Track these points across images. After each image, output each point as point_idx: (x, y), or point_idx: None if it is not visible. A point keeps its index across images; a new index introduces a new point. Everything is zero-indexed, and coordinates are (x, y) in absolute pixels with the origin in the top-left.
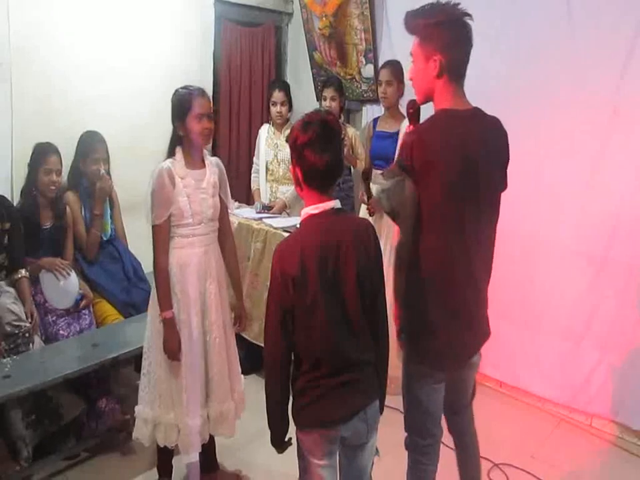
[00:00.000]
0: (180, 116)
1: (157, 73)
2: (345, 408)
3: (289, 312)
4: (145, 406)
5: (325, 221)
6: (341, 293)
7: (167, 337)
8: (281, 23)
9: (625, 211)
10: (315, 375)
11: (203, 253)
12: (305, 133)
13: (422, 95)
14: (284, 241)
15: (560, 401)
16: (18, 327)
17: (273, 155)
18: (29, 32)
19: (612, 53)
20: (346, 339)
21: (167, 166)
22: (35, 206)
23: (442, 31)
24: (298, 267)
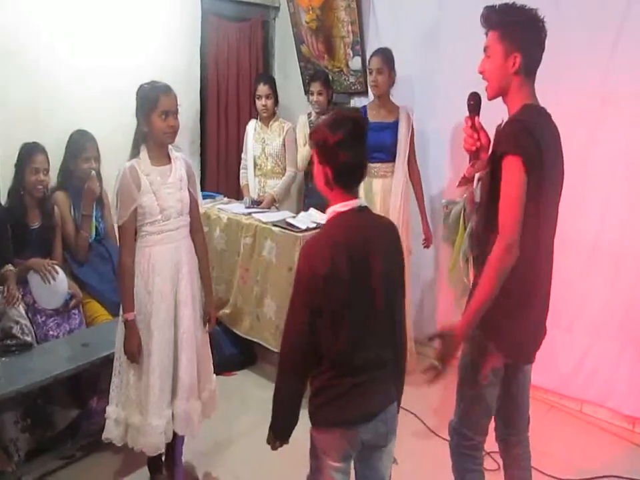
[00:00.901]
0: (144, 112)
1: (144, 70)
2: (366, 408)
3: (316, 311)
4: (116, 406)
5: (353, 219)
6: (369, 291)
7: (128, 338)
8: (268, 17)
9: (614, 198)
10: (336, 373)
11: (174, 249)
12: (336, 132)
13: (495, 90)
14: (312, 239)
15: (550, 388)
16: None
17: (260, 150)
18: (15, 31)
19: (599, 44)
20: (371, 337)
21: (131, 165)
22: (22, 206)
23: (525, 31)
24: (329, 265)
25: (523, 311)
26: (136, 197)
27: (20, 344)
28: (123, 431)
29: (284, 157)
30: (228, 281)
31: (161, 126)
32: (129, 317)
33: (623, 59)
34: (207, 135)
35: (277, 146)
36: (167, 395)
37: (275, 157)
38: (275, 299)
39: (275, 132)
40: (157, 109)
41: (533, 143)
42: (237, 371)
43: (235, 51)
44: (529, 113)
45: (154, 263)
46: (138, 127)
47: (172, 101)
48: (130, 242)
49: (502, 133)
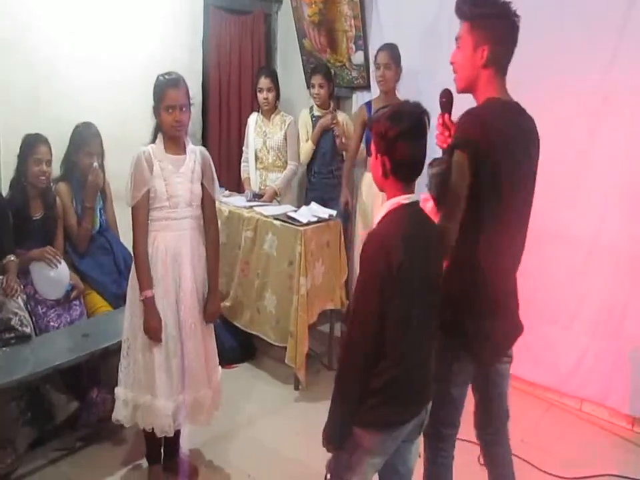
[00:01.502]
0: (155, 105)
1: (146, 62)
2: (416, 406)
3: (387, 301)
4: (125, 388)
5: (415, 212)
6: (431, 285)
7: (147, 317)
8: (271, 11)
9: (613, 197)
10: (395, 372)
11: (176, 238)
12: (397, 124)
13: (464, 82)
14: (381, 230)
15: (550, 386)
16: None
17: (262, 143)
18: (15, 22)
19: (601, 40)
20: (428, 334)
21: (146, 149)
22: (24, 197)
23: (496, 24)
24: (403, 255)
25: (483, 312)
26: (148, 180)
27: (19, 336)
28: (132, 412)
29: (285, 150)
30: (228, 273)
31: (167, 120)
32: (147, 295)
33: (624, 55)
34: (209, 128)
35: (278, 139)
36: (176, 380)
37: (276, 150)
38: (276, 292)
39: (277, 125)
40: (163, 103)
41: (482, 137)
42: (236, 364)
43: (237, 44)
44: (489, 106)
45: (157, 247)
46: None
47: (178, 96)
48: (143, 224)
49: (458, 123)
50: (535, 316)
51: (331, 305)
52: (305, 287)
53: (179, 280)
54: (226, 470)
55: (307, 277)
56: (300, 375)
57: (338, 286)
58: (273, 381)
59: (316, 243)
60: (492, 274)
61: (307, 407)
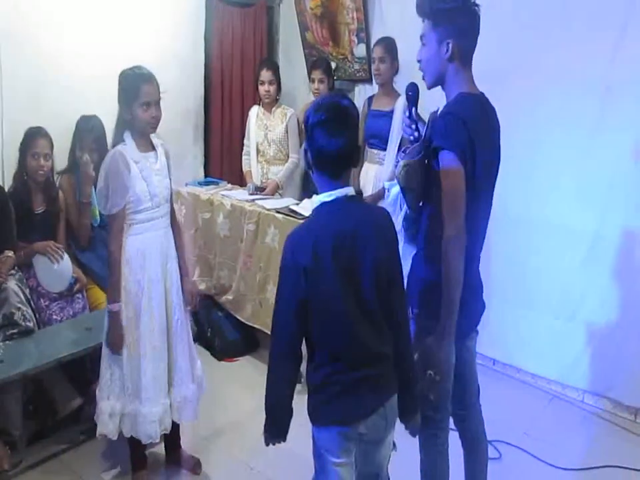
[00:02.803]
0: (127, 101)
1: (149, 55)
2: (365, 404)
3: (302, 302)
4: (109, 399)
5: (340, 209)
6: (358, 283)
7: (112, 330)
8: (273, 3)
9: (616, 189)
10: (333, 370)
11: (163, 236)
12: (316, 112)
13: (432, 78)
14: (295, 230)
15: (553, 378)
16: (19, 310)
17: (263, 136)
18: (19, 16)
19: (604, 30)
20: (365, 330)
21: (119, 151)
22: (26, 190)
23: (457, 17)
24: (311, 257)
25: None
26: (128, 184)
27: (22, 330)
28: (118, 423)
29: (286, 143)
30: (231, 267)
31: (143, 116)
32: (114, 308)
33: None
34: (211, 120)
35: (279, 132)
36: (163, 383)
37: (278, 143)
38: None
39: (278, 118)
40: (139, 99)
41: (465, 137)
42: (239, 357)
43: (239, 37)
44: (463, 103)
45: (144, 251)
46: (120, 113)
47: (154, 91)
48: (121, 231)
49: (436, 125)
50: (537, 308)
51: None
52: None
53: (166, 276)
54: (228, 463)
55: None
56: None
57: None
58: None
59: None
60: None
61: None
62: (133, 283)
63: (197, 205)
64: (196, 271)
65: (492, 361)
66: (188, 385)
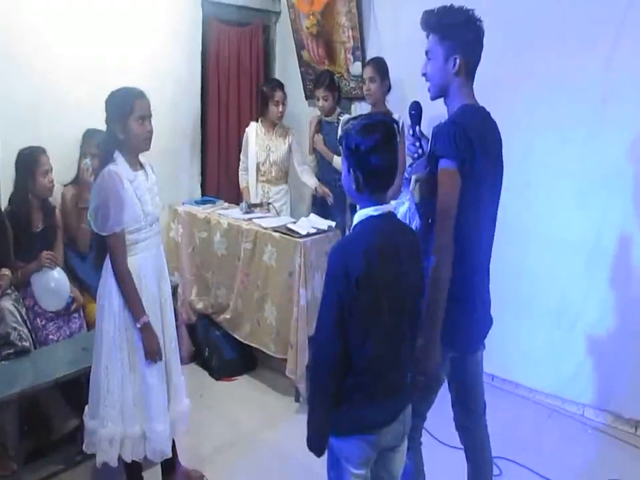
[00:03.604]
0: (120, 118)
1: (146, 73)
2: (389, 411)
3: (347, 312)
4: (107, 425)
5: (384, 224)
6: (400, 294)
7: (148, 341)
8: (269, 22)
9: (614, 199)
10: (364, 378)
11: (156, 255)
12: (368, 136)
13: (437, 91)
14: (344, 240)
15: (551, 392)
16: (15, 330)
17: (265, 157)
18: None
19: (599, 42)
20: (400, 340)
21: (113, 170)
22: (27, 211)
23: (463, 31)
24: (363, 265)
25: (462, 305)
26: (126, 202)
27: (18, 350)
28: (119, 448)
29: (288, 163)
30: (228, 285)
31: (139, 131)
32: (145, 320)
33: (622, 57)
34: (208, 138)
35: (282, 153)
36: (165, 400)
37: (279, 164)
38: (275, 304)
39: (280, 138)
40: (134, 113)
41: (468, 146)
42: (237, 376)
43: (236, 56)
44: (467, 113)
45: (140, 271)
46: (109, 136)
47: (147, 105)
48: (124, 246)
49: (439, 134)
50: (535, 322)
51: None
52: (304, 298)
53: (160, 295)
54: None
55: (306, 288)
56: (300, 387)
57: None
58: (273, 392)
59: (315, 254)
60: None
61: None
62: None
63: (193, 224)
64: (193, 290)
65: (491, 376)
66: (182, 400)
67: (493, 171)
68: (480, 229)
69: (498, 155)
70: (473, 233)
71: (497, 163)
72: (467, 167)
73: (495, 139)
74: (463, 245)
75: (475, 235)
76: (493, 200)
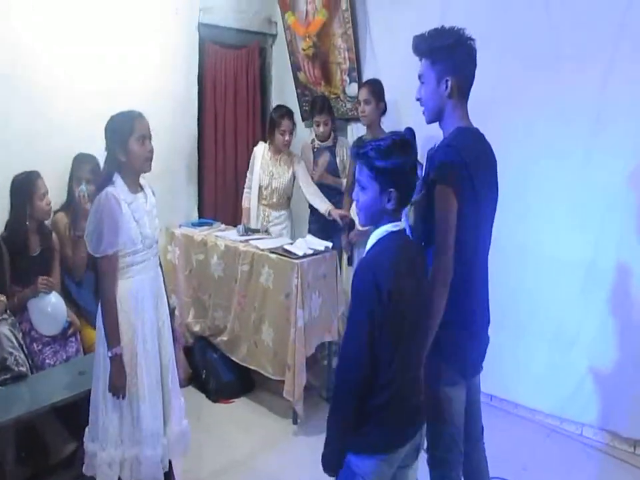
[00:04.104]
0: (121, 140)
1: (143, 96)
2: (410, 429)
3: (378, 329)
4: (107, 448)
5: (403, 239)
6: (417, 308)
7: (116, 374)
8: (266, 44)
9: (610, 218)
10: (390, 396)
11: (154, 276)
12: (402, 156)
13: (431, 114)
14: (369, 257)
15: (550, 411)
16: (12, 355)
17: (267, 181)
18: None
19: (594, 60)
20: (413, 358)
21: (111, 192)
22: (25, 235)
23: (453, 54)
24: (394, 279)
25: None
26: (122, 224)
27: (15, 376)
28: (119, 470)
29: (290, 190)
30: (225, 307)
31: (140, 151)
32: (117, 352)
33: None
34: (204, 161)
35: (285, 180)
36: (160, 423)
37: (281, 191)
38: (273, 325)
39: (284, 165)
40: (134, 133)
41: (464, 171)
42: (234, 399)
43: (233, 78)
44: (461, 136)
45: (137, 294)
46: (109, 159)
47: (147, 125)
48: (115, 272)
49: (435, 158)
50: (533, 342)
51: (328, 337)
52: (302, 319)
53: (158, 317)
54: None
55: (303, 309)
56: (298, 409)
57: (335, 317)
58: (271, 415)
59: (312, 275)
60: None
61: (306, 440)
62: (128, 327)
63: (190, 246)
64: (190, 312)
65: (489, 396)
66: (181, 421)
67: (488, 192)
68: (478, 250)
69: (493, 175)
70: (470, 255)
71: (491, 183)
72: (463, 189)
73: (489, 160)
74: (462, 266)
75: (472, 257)
76: (488, 220)
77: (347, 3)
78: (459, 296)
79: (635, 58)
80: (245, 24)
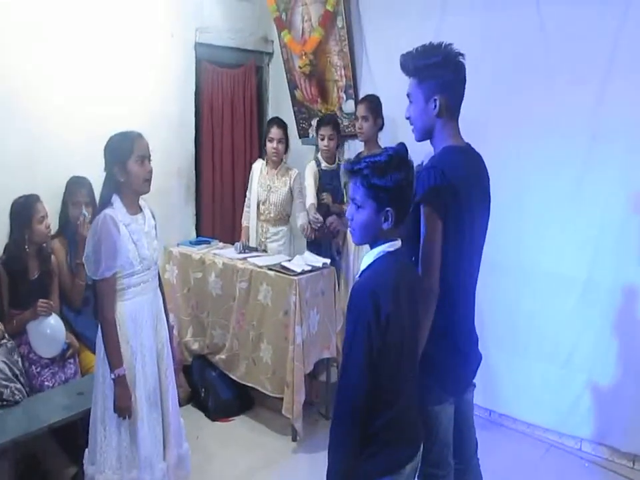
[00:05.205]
0: (120, 160)
1: (140, 116)
2: (411, 449)
3: (377, 352)
4: (106, 471)
5: (399, 259)
6: (415, 328)
7: (121, 395)
8: (262, 63)
9: (605, 234)
10: (394, 415)
11: (153, 298)
12: (404, 171)
13: (421, 133)
14: (372, 278)
15: (549, 426)
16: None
17: (265, 196)
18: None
19: (589, 77)
20: (415, 374)
21: (109, 214)
22: (24, 259)
23: (440, 72)
24: (393, 302)
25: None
26: (119, 246)
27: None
28: None
29: (289, 205)
30: (224, 325)
31: (140, 172)
32: (120, 373)
33: (611, 94)
34: (202, 180)
35: (282, 194)
36: (159, 447)
37: (279, 206)
38: (271, 342)
39: (281, 180)
40: (134, 153)
41: (448, 190)
42: (233, 417)
43: (229, 97)
44: (448, 155)
45: (135, 316)
46: (108, 180)
47: (146, 145)
48: (113, 294)
49: (419, 179)
50: (531, 357)
51: (327, 354)
52: (300, 336)
53: (157, 339)
54: None
55: (302, 326)
56: (297, 426)
57: (334, 334)
58: (270, 432)
59: (311, 292)
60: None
61: (305, 457)
62: (127, 349)
63: (188, 265)
64: (189, 331)
65: (488, 411)
66: (181, 444)
67: (479, 209)
68: (464, 270)
69: (484, 191)
70: (456, 275)
71: (483, 199)
72: (448, 210)
73: (480, 176)
74: (447, 287)
75: (459, 277)
76: (480, 236)
77: (343, 21)
78: (442, 314)
79: (629, 74)
80: (241, 43)
